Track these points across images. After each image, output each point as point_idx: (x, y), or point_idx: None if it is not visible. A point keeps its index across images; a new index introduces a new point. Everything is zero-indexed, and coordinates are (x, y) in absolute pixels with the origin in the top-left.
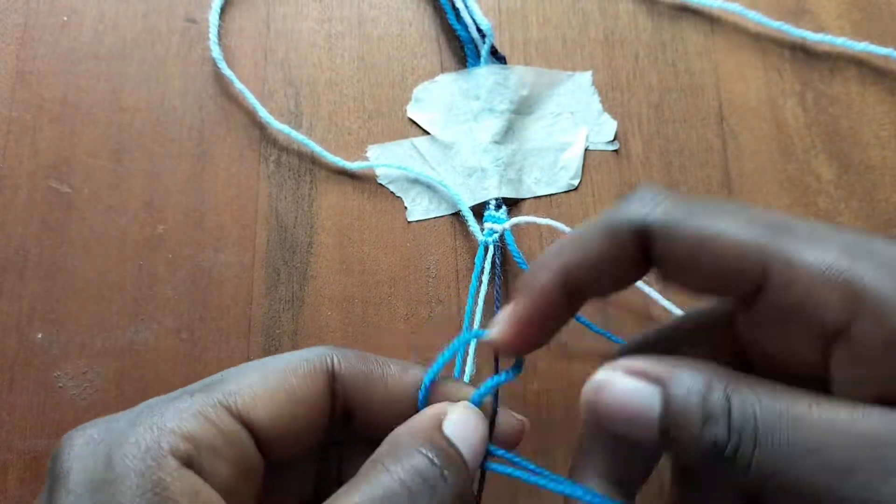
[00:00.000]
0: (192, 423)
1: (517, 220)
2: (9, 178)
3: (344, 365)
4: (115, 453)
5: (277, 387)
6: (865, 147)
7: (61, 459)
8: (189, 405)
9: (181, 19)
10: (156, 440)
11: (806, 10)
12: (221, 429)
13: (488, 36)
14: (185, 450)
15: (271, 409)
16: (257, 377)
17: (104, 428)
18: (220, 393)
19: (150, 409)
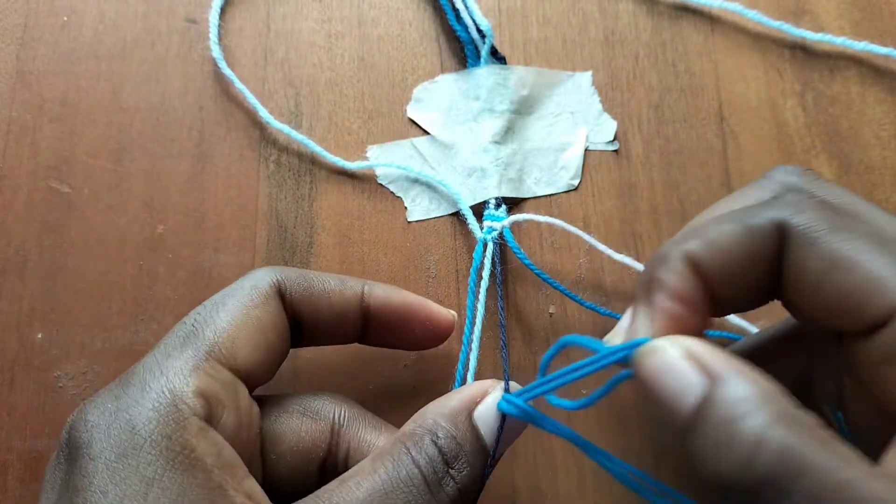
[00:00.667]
0: (196, 379)
1: (516, 217)
2: (9, 178)
3: (289, 285)
4: (137, 419)
5: (248, 324)
6: (865, 147)
7: (78, 430)
8: (185, 363)
9: (181, 19)
10: (172, 402)
11: (806, 10)
12: (218, 378)
13: (488, 36)
14: (201, 406)
15: (250, 348)
16: (227, 319)
17: (114, 396)
18: (206, 344)
19: (149, 371)
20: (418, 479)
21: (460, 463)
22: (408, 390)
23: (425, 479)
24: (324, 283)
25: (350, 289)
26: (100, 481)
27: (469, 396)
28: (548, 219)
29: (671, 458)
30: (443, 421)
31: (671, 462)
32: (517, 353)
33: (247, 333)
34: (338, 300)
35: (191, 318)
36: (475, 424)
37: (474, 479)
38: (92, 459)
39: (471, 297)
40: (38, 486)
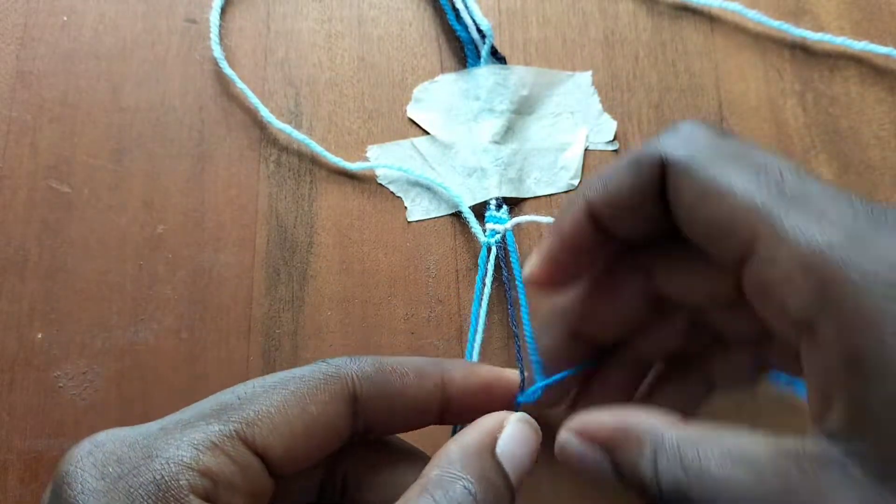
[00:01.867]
0: (209, 456)
1: (519, 219)
2: (9, 178)
3: (364, 386)
4: (136, 492)
5: (296, 416)
6: (865, 147)
7: (74, 490)
8: (206, 436)
9: (181, 19)
10: (174, 477)
11: (806, 10)
12: (238, 462)
13: (488, 36)
14: (203, 486)
15: (288, 439)
16: (276, 403)
17: (116, 457)
18: (238, 422)
19: (164, 435)
20: None
21: (490, 500)
22: None
23: None
24: (402, 378)
25: (429, 380)
26: None
27: (488, 431)
28: (551, 219)
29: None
30: (470, 462)
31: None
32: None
33: (291, 425)
34: (418, 396)
35: (241, 388)
36: (500, 462)
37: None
38: None
39: (476, 305)
40: (38, 486)
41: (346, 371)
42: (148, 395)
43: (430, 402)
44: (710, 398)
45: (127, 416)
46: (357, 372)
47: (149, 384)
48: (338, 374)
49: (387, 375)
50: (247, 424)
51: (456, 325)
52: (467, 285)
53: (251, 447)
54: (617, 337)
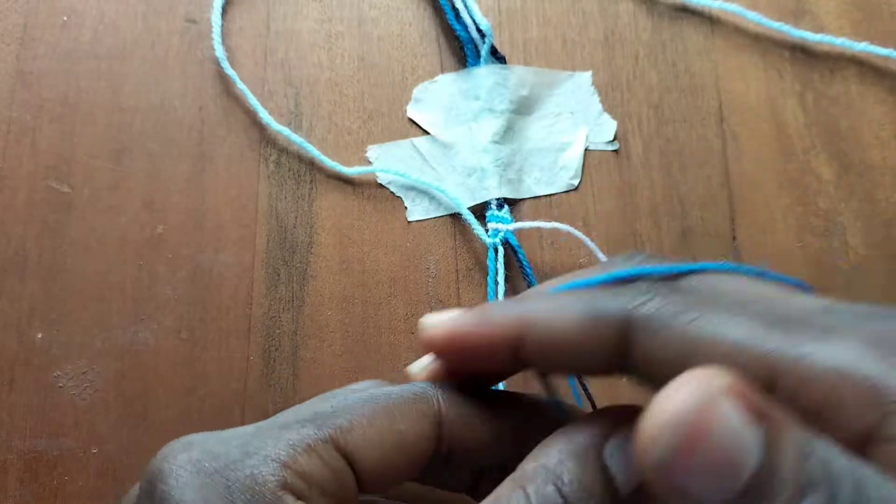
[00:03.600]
0: (304, 458)
1: (522, 224)
2: (9, 178)
3: (450, 409)
4: (234, 486)
5: (387, 429)
6: (865, 147)
7: (168, 485)
8: (301, 438)
9: (181, 19)
10: (272, 473)
11: (806, 10)
12: (331, 466)
13: (488, 36)
14: (298, 486)
15: (378, 451)
16: (367, 415)
17: (212, 454)
18: (332, 428)
19: (260, 436)
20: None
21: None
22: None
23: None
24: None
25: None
26: None
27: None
28: (554, 224)
29: None
30: (569, 460)
31: None
32: None
33: (381, 440)
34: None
35: (333, 399)
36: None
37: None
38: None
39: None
40: (38, 486)
41: (430, 392)
42: (148, 395)
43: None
44: None
45: (127, 416)
46: (441, 394)
47: (149, 384)
48: (424, 395)
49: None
50: (341, 431)
51: None
52: (467, 285)
53: (344, 454)
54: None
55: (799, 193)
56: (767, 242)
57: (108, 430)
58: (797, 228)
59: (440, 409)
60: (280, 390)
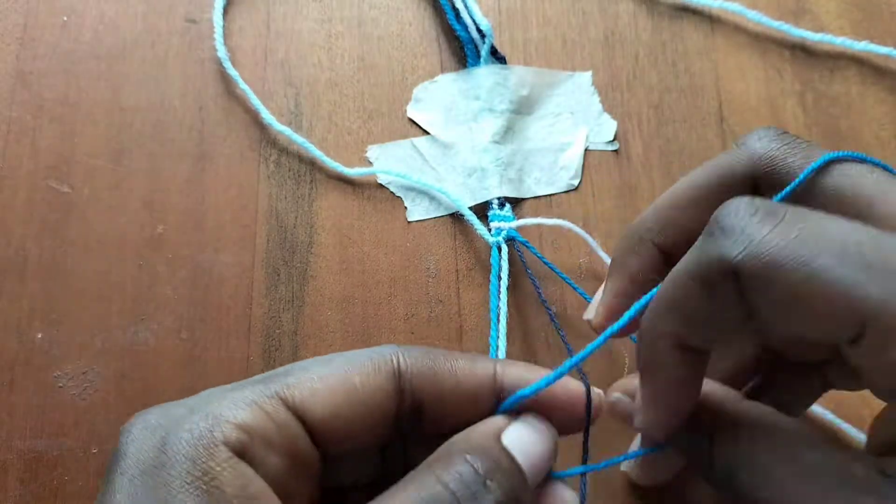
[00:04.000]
0: (246, 412)
1: (524, 221)
2: (9, 178)
3: (410, 362)
4: (170, 438)
5: (338, 384)
6: (865, 147)
7: (120, 441)
8: (246, 395)
9: (181, 19)
10: (209, 428)
11: (806, 9)
12: (276, 420)
13: (488, 36)
14: (237, 439)
15: (328, 405)
16: (318, 373)
17: (163, 413)
18: (279, 385)
19: (209, 396)
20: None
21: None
22: None
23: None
24: (452, 361)
25: (481, 368)
26: (120, 497)
27: (495, 423)
28: (556, 221)
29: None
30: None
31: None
32: (516, 351)
33: (331, 391)
34: (467, 380)
35: (290, 364)
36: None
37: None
38: (120, 473)
39: (493, 307)
40: (38, 486)
41: (391, 350)
42: (148, 395)
43: (481, 389)
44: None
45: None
46: (403, 351)
47: (149, 384)
48: (382, 352)
49: (435, 358)
50: (287, 387)
51: (456, 325)
52: (467, 285)
53: (290, 407)
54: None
55: None
56: None
57: (108, 430)
58: None
59: (399, 363)
60: None
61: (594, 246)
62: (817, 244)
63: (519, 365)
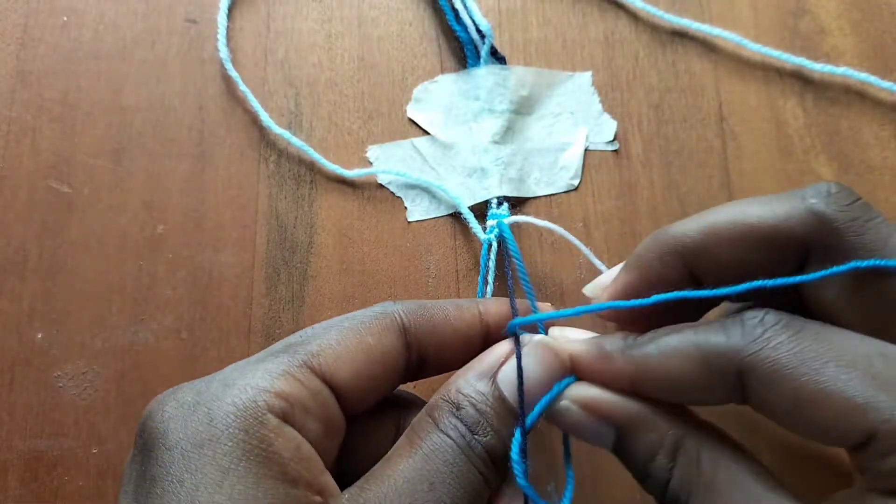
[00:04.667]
0: (282, 382)
1: (516, 218)
2: (9, 178)
3: (411, 318)
4: (215, 413)
5: (356, 347)
6: (865, 147)
7: (155, 420)
8: (276, 366)
9: (181, 19)
10: (252, 399)
11: (806, 9)
12: (309, 388)
13: (488, 37)
14: (279, 407)
15: (351, 368)
16: (336, 338)
17: (195, 391)
18: (304, 354)
19: (238, 370)
20: (452, 447)
21: (482, 428)
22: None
23: (458, 447)
24: (444, 311)
25: (468, 311)
26: (176, 470)
27: (492, 361)
28: (547, 224)
29: None
30: (465, 389)
31: None
32: None
33: (352, 355)
34: (460, 326)
35: (301, 332)
36: (499, 387)
37: (501, 440)
38: (168, 449)
39: (480, 294)
40: (38, 486)
41: (392, 307)
42: (148, 395)
43: (472, 331)
44: None
45: (127, 416)
46: (402, 308)
47: (149, 384)
48: (385, 311)
49: (429, 310)
50: (312, 356)
51: None
52: (467, 285)
53: (319, 374)
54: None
55: None
56: None
57: (108, 430)
58: None
59: (402, 320)
60: None
61: (586, 252)
62: (828, 354)
63: (492, 302)
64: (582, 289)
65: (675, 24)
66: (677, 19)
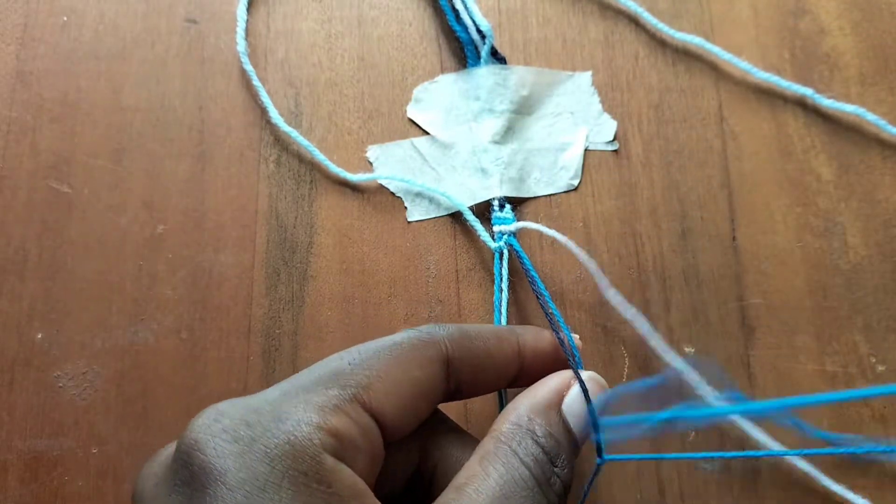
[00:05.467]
0: (335, 419)
1: (524, 224)
2: (9, 178)
3: (455, 349)
4: (273, 452)
5: (404, 380)
6: (865, 147)
7: (207, 454)
8: (327, 400)
9: (181, 19)
10: (308, 438)
11: (806, 10)
12: (360, 424)
13: (488, 37)
14: (334, 445)
15: (398, 403)
16: (384, 369)
17: (245, 422)
18: (355, 387)
19: (287, 400)
20: (531, 480)
21: (561, 460)
22: None
23: (536, 480)
24: (486, 343)
25: (508, 345)
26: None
27: (556, 388)
28: (554, 233)
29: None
30: (537, 417)
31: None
32: None
33: (400, 390)
34: (500, 360)
35: (348, 356)
36: (565, 418)
37: (572, 473)
38: (230, 490)
39: (497, 315)
40: (38, 486)
41: (438, 336)
42: (148, 395)
43: (509, 363)
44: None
45: (127, 416)
46: (447, 337)
47: (149, 384)
48: (432, 340)
49: (472, 341)
50: (363, 389)
51: None
52: (467, 285)
53: (368, 410)
54: None
55: (798, 193)
56: (767, 242)
57: (108, 430)
58: (797, 228)
59: (447, 351)
60: None
61: (585, 262)
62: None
63: (529, 333)
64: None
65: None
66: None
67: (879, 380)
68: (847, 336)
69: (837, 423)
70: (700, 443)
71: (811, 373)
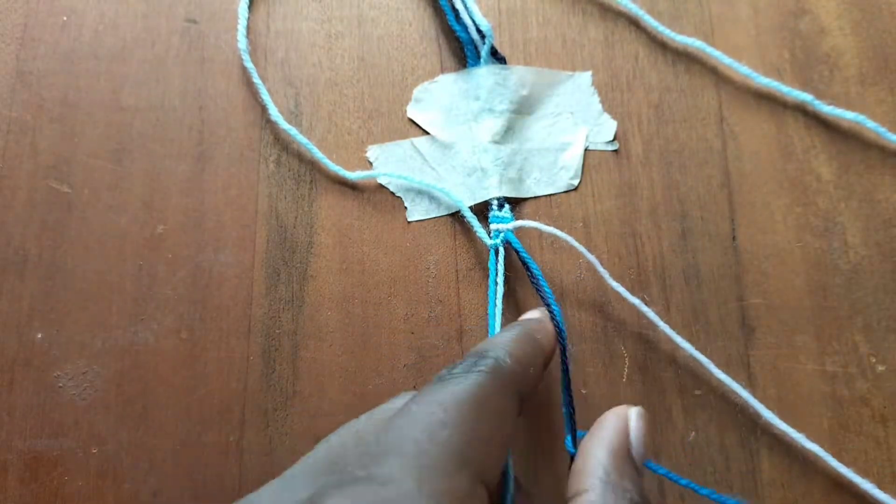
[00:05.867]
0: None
1: (522, 223)
2: (9, 178)
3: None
4: None
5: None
6: (865, 147)
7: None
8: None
9: (181, 19)
10: None
11: (806, 9)
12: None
13: (488, 37)
14: None
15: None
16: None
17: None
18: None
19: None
20: None
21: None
22: (408, 391)
23: None
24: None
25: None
26: None
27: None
28: (553, 230)
29: None
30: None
31: None
32: None
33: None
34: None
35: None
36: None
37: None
38: None
39: (491, 311)
40: (38, 486)
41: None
42: (148, 395)
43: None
44: None
45: (127, 416)
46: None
47: (149, 384)
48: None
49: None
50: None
51: (456, 325)
52: (467, 285)
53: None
54: None
55: (799, 193)
56: (767, 242)
57: (108, 430)
58: (797, 228)
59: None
60: (280, 390)
61: (591, 259)
62: None
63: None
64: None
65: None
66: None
67: (879, 380)
68: (847, 336)
69: (838, 424)
70: (700, 442)
71: (811, 373)
